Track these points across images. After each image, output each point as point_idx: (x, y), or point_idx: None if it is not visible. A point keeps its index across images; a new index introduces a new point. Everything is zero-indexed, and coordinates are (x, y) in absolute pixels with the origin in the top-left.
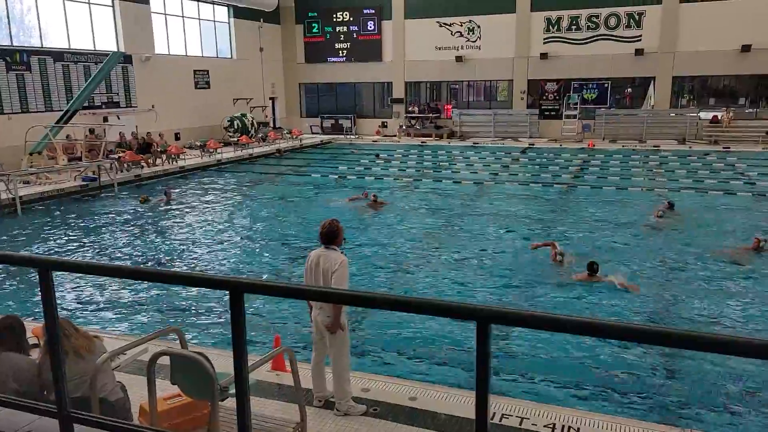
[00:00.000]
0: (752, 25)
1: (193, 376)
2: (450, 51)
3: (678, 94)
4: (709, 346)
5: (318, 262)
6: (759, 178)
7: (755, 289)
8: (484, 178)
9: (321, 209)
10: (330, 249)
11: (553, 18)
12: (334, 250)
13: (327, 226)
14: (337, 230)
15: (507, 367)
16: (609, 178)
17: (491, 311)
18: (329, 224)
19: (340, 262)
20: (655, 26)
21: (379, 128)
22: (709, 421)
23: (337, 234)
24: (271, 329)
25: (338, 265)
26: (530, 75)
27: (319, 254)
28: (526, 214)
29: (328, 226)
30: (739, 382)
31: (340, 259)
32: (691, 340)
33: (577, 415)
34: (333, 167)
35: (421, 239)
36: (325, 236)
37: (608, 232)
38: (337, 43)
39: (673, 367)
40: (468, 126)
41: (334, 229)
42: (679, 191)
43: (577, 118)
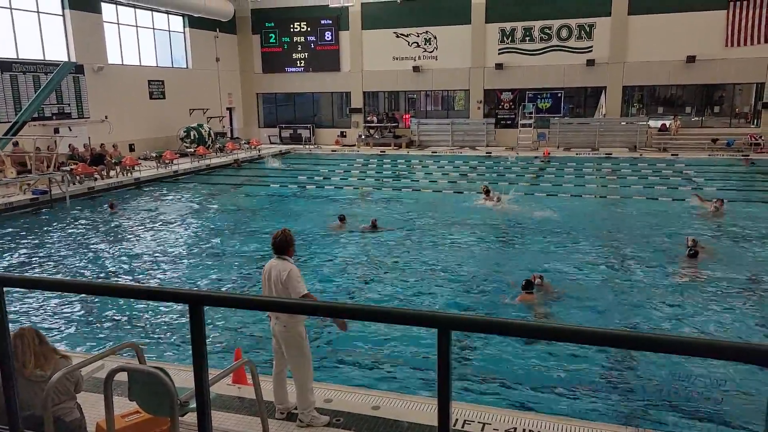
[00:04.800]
0: (696, 38)
1: (152, 391)
2: (407, 61)
3: (628, 103)
4: (662, 347)
5: (270, 273)
6: (706, 183)
7: (702, 288)
8: (444, 187)
9: (281, 219)
10: (281, 259)
11: (507, 29)
12: (286, 260)
13: (279, 236)
14: (289, 241)
15: (469, 373)
16: (564, 185)
17: (452, 318)
18: (281, 234)
19: (289, 271)
20: (605, 37)
21: (338, 138)
22: (661, 420)
23: (289, 244)
24: (232, 342)
25: (287, 275)
26: (486, 85)
27: (271, 265)
28: (484, 222)
29: (280, 236)
30: (688, 381)
31: (288, 267)
32: (642, 342)
33: (537, 418)
34: (292, 177)
35: (382, 249)
36: (276, 247)
37: (563, 236)
38: (295, 53)
39: (628, 369)
40: (426, 135)
41: (286, 240)
42: (631, 197)
43: (532, 127)
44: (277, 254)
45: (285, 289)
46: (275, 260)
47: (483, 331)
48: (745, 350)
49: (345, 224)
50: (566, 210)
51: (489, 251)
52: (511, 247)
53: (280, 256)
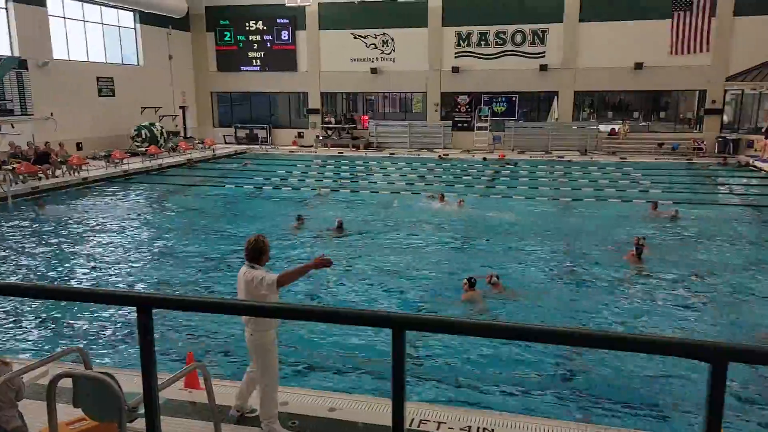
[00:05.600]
0: (643, 45)
1: (98, 397)
2: (365, 63)
3: (579, 108)
4: (607, 344)
5: (241, 281)
6: (652, 186)
7: (643, 287)
8: (401, 188)
9: (237, 220)
10: (252, 267)
11: (464, 33)
12: (256, 269)
13: (252, 242)
14: (262, 248)
15: (424, 373)
16: (519, 187)
17: (406, 318)
18: (254, 241)
19: (261, 278)
20: (558, 43)
21: (296, 139)
22: (610, 414)
23: (262, 252)
24: (185, 346)
25: (257, 282)
26: (443, 88)
27: (242, 272)
28: (440, 223)
29: (253, 243)
30: (635, 377)
31: (260, 276)
32: (589, 339)
33: (491, 417)
34: (248, 178)
35: (338, 250)
36: (249, 254)
37: (517, 237)
38: (251, 52)
39: (577, 365)
40: (384, 137)
41: (259, 247)
42: (582, 200)
43: (488, 129)
44: (248, 261)
45: (261, 297)
46: (246, 267)
47: (437, 330)
48: (684, 345)
49: (302, 224)
50: (520, 212)
51: (445, 252)
52: (467, 249)
53: (252, 263)
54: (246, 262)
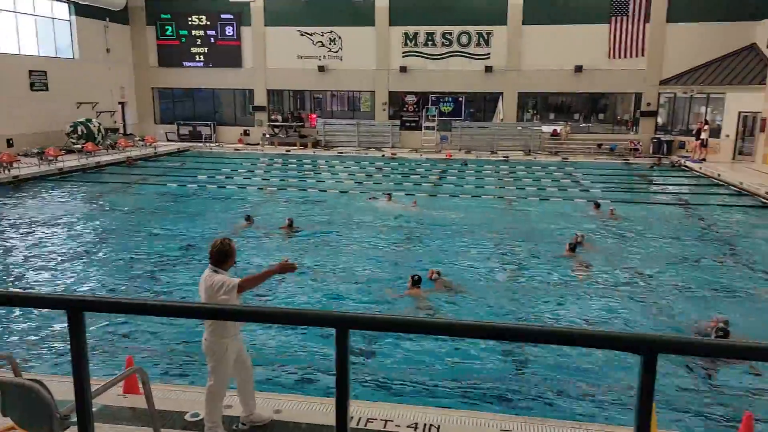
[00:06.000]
0: (583, 49)
1: (28, 405)
2: (312, 60)
3: (523, 109)
4: (545, 339)
5: (202, 285)
6: (592, 185)
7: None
8: (350, 187)
9: (179, 221)
10: (214, 271)
11: (411, 33)
12: (219, 273)
13: (218, 245)
14: (229, 251)
15: (371, 372)
16: (465, 186)
17: (350, 317)
18: (220, 244)
19: (221, 284)
20: (502, 45)
21: (242, 136)
22: (550, 406)
23: (227, 255)
24: (125, 350)
25: (218, 287)
26: (391, 87)
27: (204, 276)
28: (390, 222)
29: (218, 246)
30: (574, 369)
31: (221, 280)
32: (530, 334)
33: (437, 413)
34: (192, 176)
35: (288, 249)
36: (214, 257)
37: (463, 235)
38: (194, 47)
39: (520, 360)
40: (332, 135)
41: (224, 250)
42: (526, 198)
43: (435, 129)
44: (212, 265)
45: (221, 303)
46: (208, 271)
47: (382, 329)
48: (615, 338)
49: (251, 224)
50: (467, 210)
51: (393, 250)
52: (414, 247)
53: (215, 267)
54: (209, 266)
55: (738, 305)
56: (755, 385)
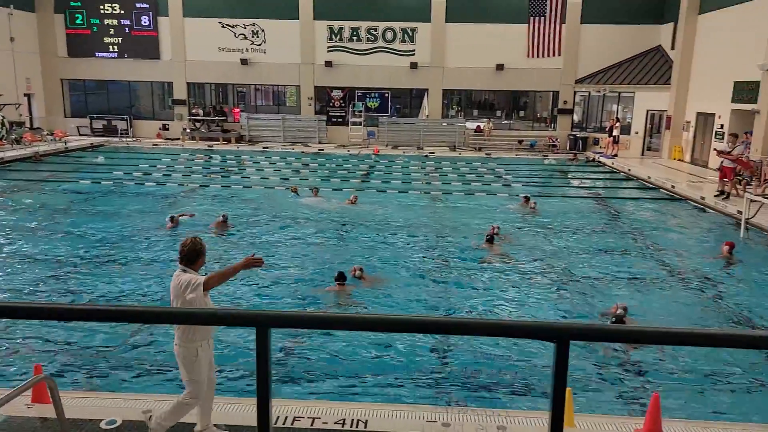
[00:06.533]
0: (504, 47)
1: None
2: (234, 53)
3: (448, 106)
4: (465, 330)
5: (172, 286)
6: (514, 180)
7: (497, 275)
8: (275, 183)
9: (93, 219)
10: (185, 271)
11: (335, 28)
12: (188, 273)
13: (189, 244)
14: (200, 250)
15: (298, 370)
16: (392, 182)
17: (270, 316)
18: (191, 243)
19: (187, 282)
20: (426, 42)
21: (161, 131)
22: (473, 394)
23: (199, 254)
24: (34, 358)
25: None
26: (317, 82)
27: (174, 276)
28: (318, 218)
29: (189, 245)
30: (493, 359)
31: (188, 279)
32: (449, 326)
33: (365, 408)
34: (107, 172)
35: (218, 246)
36: (185, 256)
37: (389, 233)
38: (107, 37)
39: (444, 352)
40: (257, 130)
41: (195, 249)
42: (451, 193)
43: (362, 125)
44: (182, 264)
45: (189, 302)
46: (177, 271)
47: (303, 326)
48: (529, 327)
49: (176, 225)
50: (393, 206)
51: (318, 247)
52: (341, 242)
53: (185, 266)
54: (179, 266)
55: (645, 292)
56: (662, 366)
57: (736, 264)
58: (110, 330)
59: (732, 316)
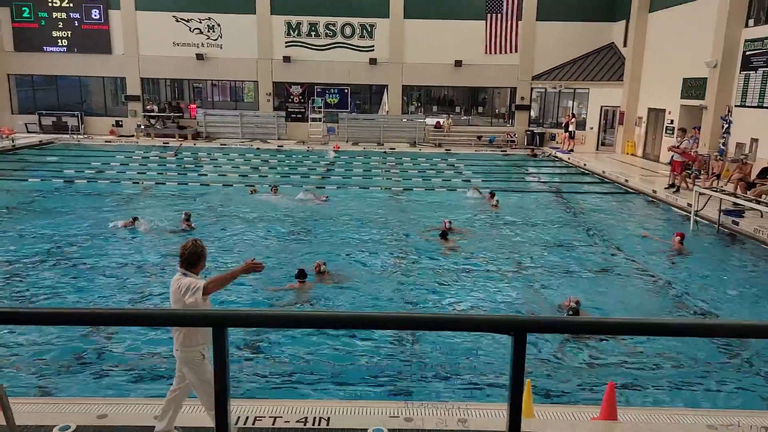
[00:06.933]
0: (462, 44)
1: None
2: (190, 48)
3: (408, 102)
4: (417, 326)
5: (172, 290)
6: (473, 175)
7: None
8: (234, 180)
9: (43, 218)
10: (185, 275)
11: (293, 23)
12: (189, 276)
13: (190, 247)
14: (200, 253)
15: (257, 369)
16: (353, 178)
17: (227, 315)
18: (192, 245)
19: (187, 286)
20: (385, 38)
21: (114, 128)
22: (431, 389)
23: (200, 258)
24: None
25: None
26: (275, 77)
27: (173, 280)
28: (277, 216)
29: (190, 248)
30: (451, 352)
31: (186, 283)
32: (402, 322)
33: (326, 405)
34: (57, 170)
35: (163, 248)
36: (185, 259)
37: (350, 230)
38: (55, 31)
39: (403, 347)
40: (214, 127)
41: (196, 252)
42: (412, 189)
43: (321, 121)
44: (182, 268)
45: (188, 306)
46: (178, 274)
47: (261, 325)
48: (487, 321)
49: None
50: (355, 201)
51: (278, 245)
52: (300, 240)
53: (185, 270)
54: (179, 269)
55: (600, 283)
56: (617, 356)
57: (687, 254)
58: (62, 333)
59: (683, 305)
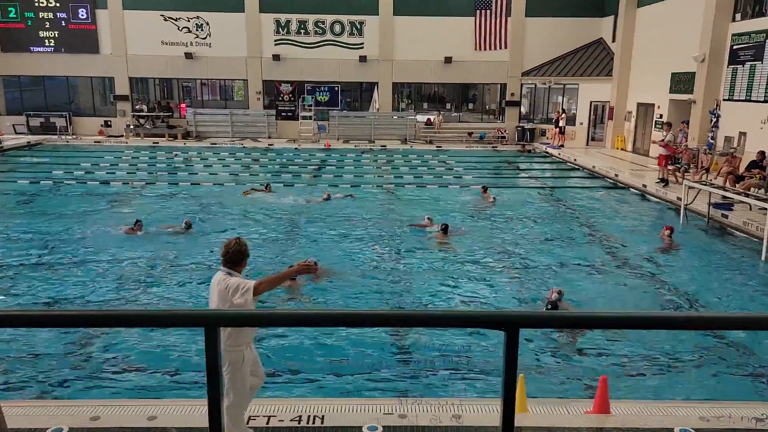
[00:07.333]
0: (452, 40)
1: None
2: (178, 47)
3: (398, 99)
4: (408, 323)
5: (214, 289)
6: (464, 172)
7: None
8: (225, 180)
9: (32, 221)
10: (230, 274)
11: (282, 21)
12: (235, 276)
13: (233, 245)
14: (244, 252)
15: None
16: (344, 176)
17: (218, 315)
18: (235, 244)
19: (236, 286)
20: (375, 35)
21: (103, 128)
22: (427, 385)
23: (244, 256)
24: None
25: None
26: (264, 76)
27: (217, 279)
28: (267, 214)
29: (234, 246)
30: (445, 349)
31: (235, 283)
32: (396, 319)
33: (320, 403)
34: (46, 171)
35: (155, 248)
36: (229, 258)
37: (343, 224)
38: (42, 31)
39: (398, 345)
40: (204, 126)
41: (241, 251)
42: (404, 186)
43: (312, 119)
44: (225, 267)
45: (236, 307)
46: (222, 274)
47: (252, 324)
48: (480, 317)
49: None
50: (347, 199)
51: (271, 243)
52: (291, 238)
53: (229, 269)
54: (222, 268)
55: (592, 277)
56: (609, 350)
57: (677, 247)
58: (52, 335)
59: (674, 298)
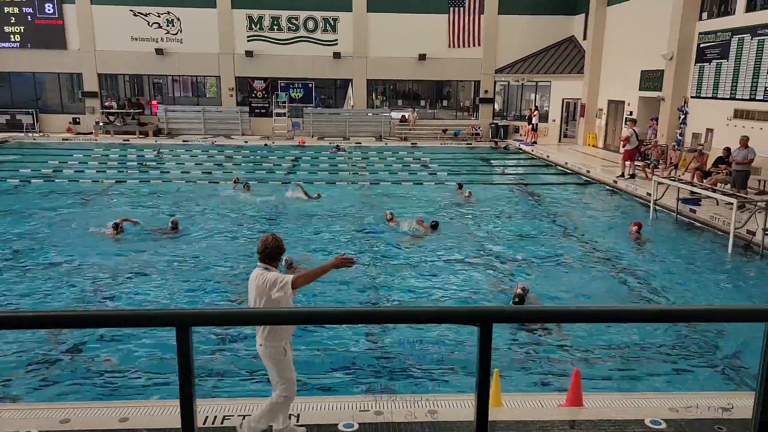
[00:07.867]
0: (426, 38)
1: None
2: (149, 42)
3: (373, 96)
4: (386, 319)
5: (253, 284)
6: (439, 168)
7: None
8: (197, 177)
9: None
10: (268, 269)
11: (255, 16)
12: (272, 271)
13: (271, 241)
14: (281, 247)
15: (225, 368)
16: (319, 173)
17: (190, 315)
18: (273, 239)
19: (273, 280)
20: (349, 32)
21: (71, 125)
22: (401, 381)
23: (281, 251)
24: None
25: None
26: (237, 72)
27: (255, 275)
28: (242, 212)
29: (272, 242)
30: (418, 344)
31: (273, 277)
32: (372, 316)
33: (295, 401)
34: (12, 170)
35: (129, 248)
36: (267, 254)
37: (318, 222)
38: (7, 26)
39: (373, 342)
40: (176, 123)
41: (278, 246)
42: (379, 183)
43: (286, 116)
44: (262, 262)
45: (275, 301)
46: (259, 269)
47: (225, 324)
48: (453, 313)
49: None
50: (322, 197)
51: (247, 242)
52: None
53: (266, 264)
54: (259, 264)
55: (563, 272)
56: (580, 344)
57: (645, 242)
58: (19, 336)
59: (643, 291)
